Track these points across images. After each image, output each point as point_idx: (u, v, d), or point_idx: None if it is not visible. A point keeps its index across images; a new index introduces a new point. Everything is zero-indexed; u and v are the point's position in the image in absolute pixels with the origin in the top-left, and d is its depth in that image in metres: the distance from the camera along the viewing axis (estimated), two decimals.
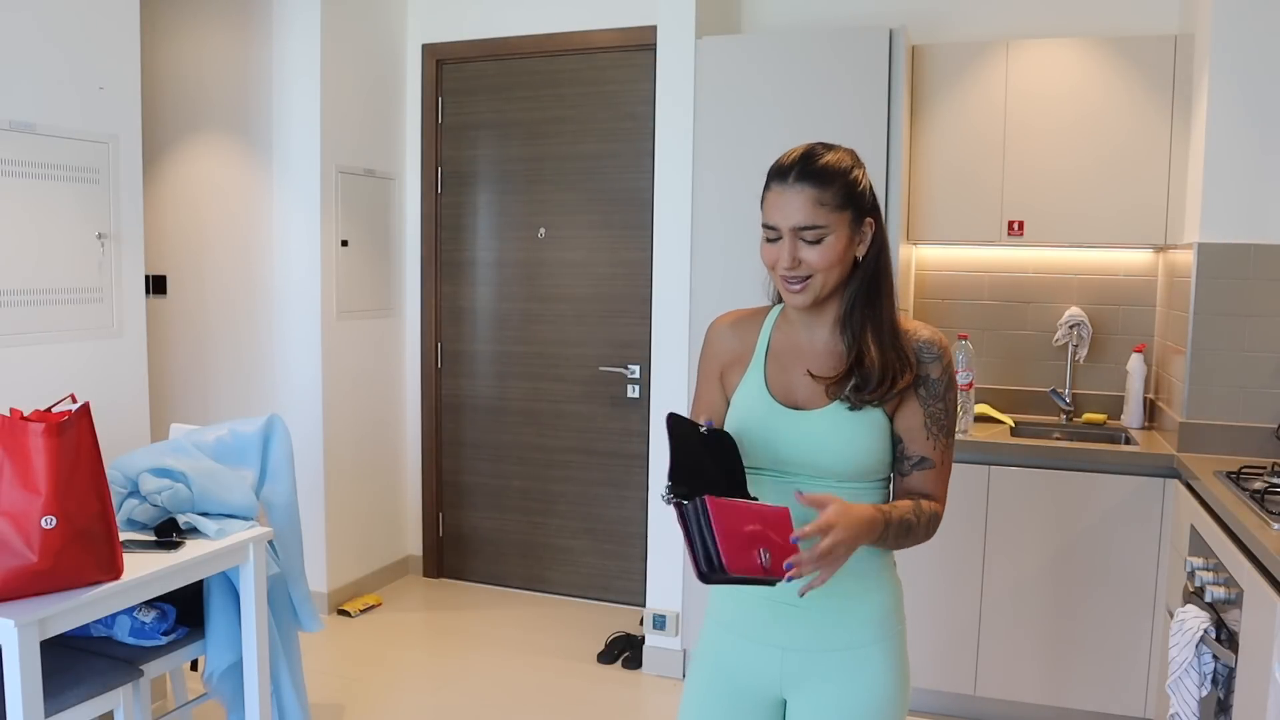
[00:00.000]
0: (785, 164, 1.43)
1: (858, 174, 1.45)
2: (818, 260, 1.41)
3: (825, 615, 1.46)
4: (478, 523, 4.28)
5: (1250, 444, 2.75)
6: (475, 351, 4.23)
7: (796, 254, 1.41)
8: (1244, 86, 2.71)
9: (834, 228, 1.41)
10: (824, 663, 1.46)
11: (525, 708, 3.15)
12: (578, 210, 3.99)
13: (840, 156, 1.45)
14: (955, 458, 2.95)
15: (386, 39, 4.09)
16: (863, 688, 1.45)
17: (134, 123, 2.95)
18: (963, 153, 3.24)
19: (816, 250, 1.41)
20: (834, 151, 1.45)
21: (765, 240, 1.45)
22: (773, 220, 1.42)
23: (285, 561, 2.58)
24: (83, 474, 1.93)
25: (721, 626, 1.55)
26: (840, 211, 1.41)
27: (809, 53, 3.10)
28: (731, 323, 1.61)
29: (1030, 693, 2.96)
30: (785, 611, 1.47)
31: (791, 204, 1.40)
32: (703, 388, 1.62)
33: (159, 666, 2.33)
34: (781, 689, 1.50)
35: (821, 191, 1.40)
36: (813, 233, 1.40)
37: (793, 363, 1.51)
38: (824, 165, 1.42)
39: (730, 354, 1.58)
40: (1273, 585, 1.79)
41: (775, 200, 1.42)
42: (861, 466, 1.45)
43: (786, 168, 1.42)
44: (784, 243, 1.42)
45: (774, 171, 1.45)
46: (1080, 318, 3.37)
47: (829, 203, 1.40)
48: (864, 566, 1.46)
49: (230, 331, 3.98)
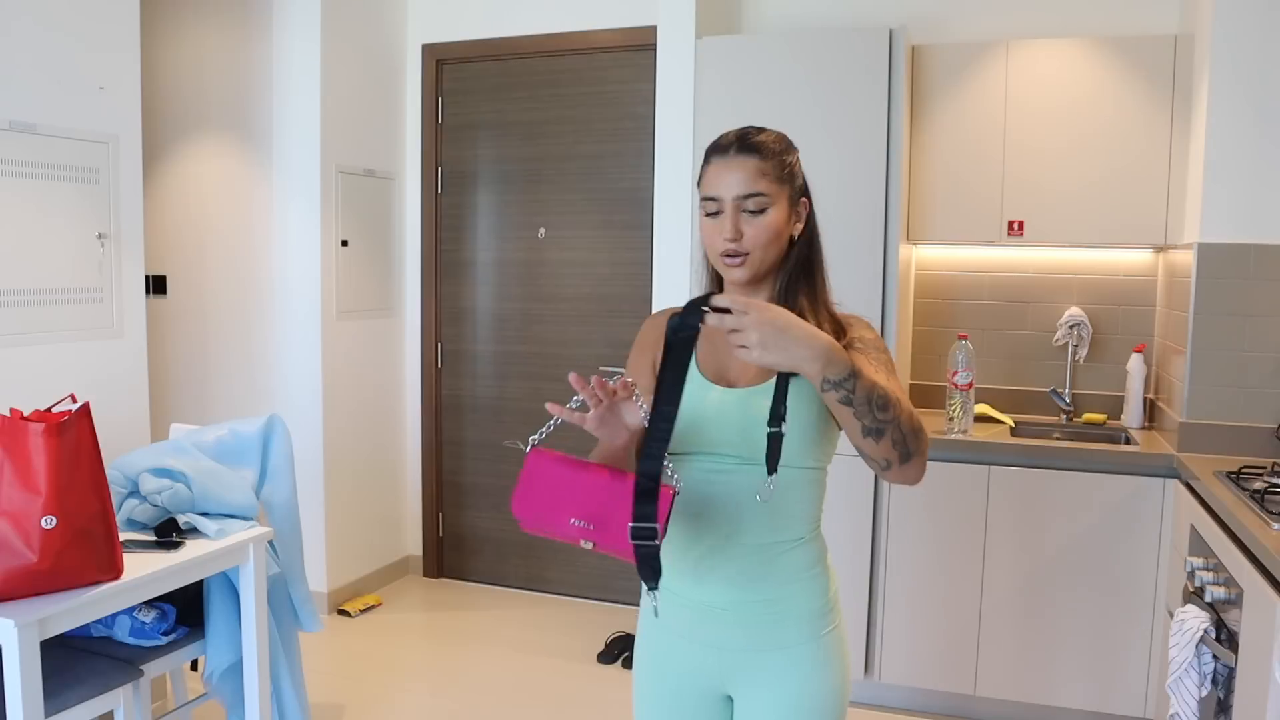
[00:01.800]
0: (724, 141, 1.46)
1: (793, 155, 1.49)
2: (759, 233, 1.42)
3: (757, 617, 1.43)
4: (478, 523, 4.28)
5: (1250, 444, 2.75)
6: (475, 351, 4.23)
7: (739, 225, 1.42)
8: (1244, 86, 2.71)
9: (775, 200, 1.43)
10: (762, 662, 1.44)
11: (525, 708, 3.15)
12: (578, 210, 3.99)
13: (776, 137, 1.48)
14: (955, 457, 2.98)
15: (386, 39, 4.09)
16: (803, 685, 1.44)
17: (134, 123, 2.95)
18: (963, 153, 3.24)
19: (758, 222, 1.42)
20: (768, 131, 1.48)
21: (705, 217, 1.46)
22: (715, 191, 1.43)
23: (285, 561, 2.58)
24: (83, 474, 1.92)
25: (655, 625, 1.53)
26: (780, 185, 1.44)
27: (809, 53, 3.10)
28: (663, 316, 1.60)
29: (1030, 693, 2.96)
30: (716, 614, 1.44)
31: (734, 174, 1.42)
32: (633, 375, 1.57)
33: (159, 666, 2.33)
34: (724, 685, 1.49)
35: (763, 162, 1.43)
36: (755, 201, 1.41)
37: (724, 342, 1.42)
38: (762, 140, 1.45)
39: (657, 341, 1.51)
40: (1273, 585, 1.79)
41: (717, 172, 1.44)
42: (799, 443, 1.39)
43: (726, 144, 1.45)
44: (725, 215, 1.42)
45: (712, 148, 1.47)
46: (1080, 318, 3.37)
47: (770, 174, 1.43)
48: (794, 566, 1.44)
49: (230, 331, 3.98)
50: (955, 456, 2.99)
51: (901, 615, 3.07)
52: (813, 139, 3.09)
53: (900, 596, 3.06)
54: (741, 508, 1.42)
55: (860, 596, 3.09)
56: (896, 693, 3.15)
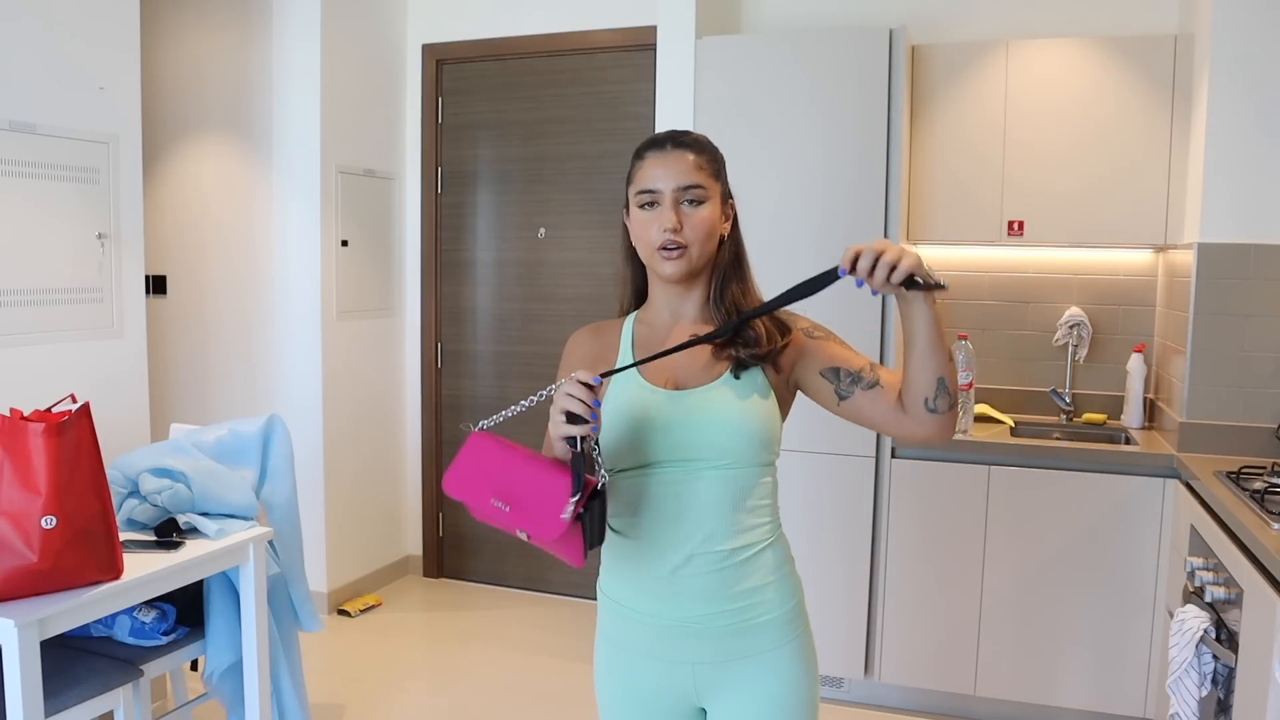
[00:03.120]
0: (658, 137, 1.49)
1: (720, 156, 1.51)
2: (697, 225, 1.43)
3: (730, 627, 1.42)
4: (478, 523, 4.28)
5: (1250, 444, 2.75)
6: (475, 351, 4.23)
7: (679, 218, 1.42)
8: (1244, 86, 2.71)
9: (710, 194, 1.45)
10: (735, 670, 1.43)
11: (525, 708, 3.15)
12: (578, 210, 3.99)
13: (706, 138, 1.51)
14: (955, 457, 2.98)
15: (386, 39, 4.09)
16: (779, 689, 1.43)
17: (134, 123, 2.95)
18: (963, 153, 3.24)
19: (697, 214, 1.43)
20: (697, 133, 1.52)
21: (637, 210, 1.46)
22: (653, 184, 1.43)
23: (285, 561, 2.58)
24: (83, 474, 1.92)
25: (616, 646, 1.50)
26: (714, 180, 1.46)
27: (809, 53, 3.09)
28: (589, 332, 1.59)
29: (1030, 693, 2.96)
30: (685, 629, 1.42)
31: (673, 166, 1.43)
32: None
33: (159, 666, 2.33)
34: (697, 699, 1.46)
35: (699, 156, 1.45)
36: (695, 192, 1.43)
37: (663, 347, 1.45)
38: (695, 137, 1.48)
39: (590, 358, 1.53)
40: (1273, 585, 1.79)
41: (654, 165, 1.45)
42: (757, 438, 1.40)
43: (661, 139, 1.48)
44: (664, 207, 1.43)
45: (646, 145, 1.49)
46: (1080, 318, 3.37)
47: (706, 168, 1.45)
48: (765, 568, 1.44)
49: (230, 331, 3.98)
50: (955, 456, 2.99)
51: (901, 615, 3.07)
52: (813, 139, 3.10)
53: (900, 596, 3.06)
54: (712, 511, 1.40)
55: (860, 596, 3.09)
56: (896, 692, 3.15)
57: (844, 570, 3.09)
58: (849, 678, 3.16)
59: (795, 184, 3.09)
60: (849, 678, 3.16)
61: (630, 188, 1.49)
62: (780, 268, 3.02)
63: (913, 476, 3.03)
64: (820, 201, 3.08)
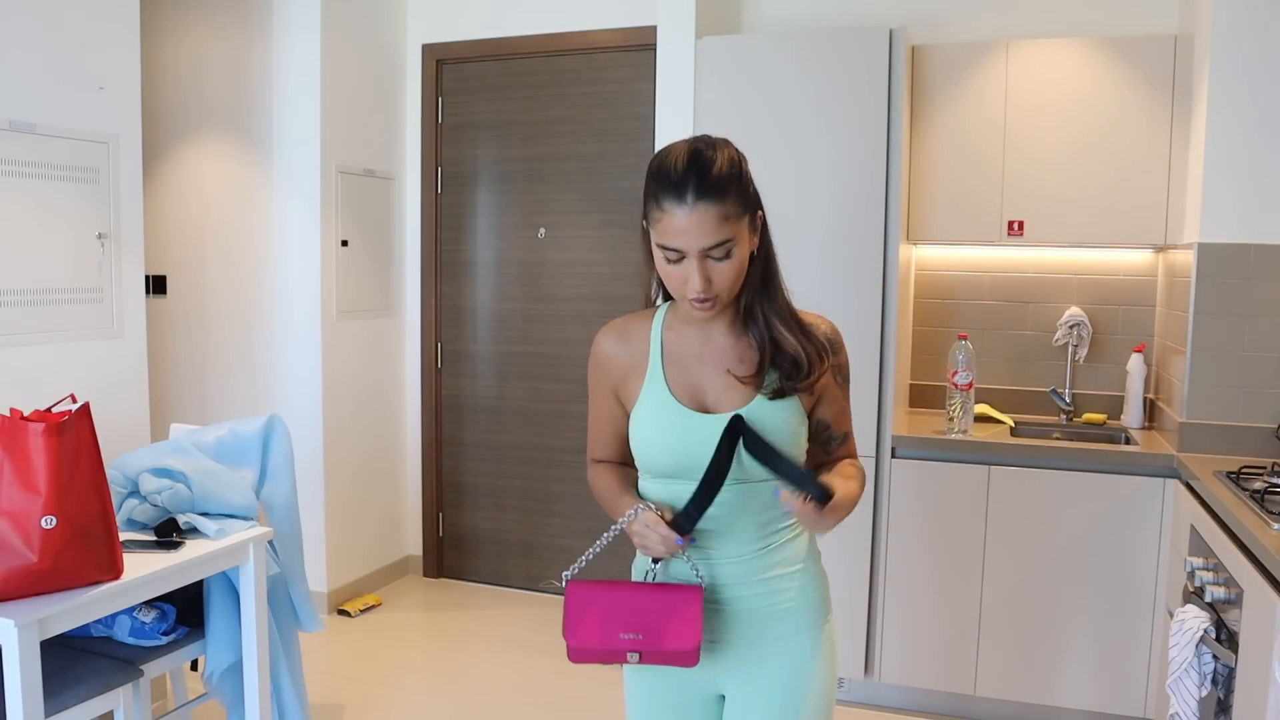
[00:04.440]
0: (678, 177, 1.33)
1: (745, 171, 1.40)
2: (726, 275, 1.37)
3: (750, 611, 1.46)
4: (478, 523, 4.28)
5: (1250, 444, 2.75)
6: (475, 351, 4.23)
7: (708, 275, 1.35)
8: (1244, 86, 2.71)
9: (739, 237, 1.36)
10: (759, 655, 1.47)
11: (525, 707, 3.15)
12: (578, 210, 3.99)
13: (728, 155, 1.37)
14: (955, 457, 2.98)
15: (386, 39, 4.09)
16: (792, 673, 1.46)
17: (134, 123, 2.95)
18: (963, 153, 3.24)
19: (726, 266, 1.36)
20: (720, 151, 1.37)
21: (664, 260, 1.38)
22: (677, 244, 1.34)
23: (285, 561, 2.58)
24: (83, 474, 1.92)
25: None
26: (741, 218, 1.36)
27: (809, 53, 3.09)
28: (616, 334, 1.55)
29: (1030, 693, 2.96)
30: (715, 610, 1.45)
31: (695, 227, 1.32)
32: (599, 406, 1.57)
33: (159, 666, 2.33)
34: (717, 685, 1.50)
35: (723, 205, 1.33)
36: (722, 249, 1.34)
37: (694, 364, 1.47)
38: (718, 175, 1.33)
39: (620, 368, 1.52)
40: (1273, 585, 1.79)
41: (676, 224, 1.34)
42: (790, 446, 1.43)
43: (680, 182, 1.33)
44: (690, 264, 1.35)
45: (666, 185, 1.35)
46: (1080, 318, 3.37)
47: (732, 214, 1.34)
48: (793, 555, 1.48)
49: (230, 331, 3.98)
50: (955, 456, 2.99)
51: (901, 615, 3.07)
52: (813, 139, 3.10)
53: (900, 596, 3.06)
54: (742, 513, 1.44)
55: (860, 596, 3.09)
56: (896, 692, 3.15)
57: (844, 570, 3.08)
58: (849, 678, 3.16)
59: (795, 184, 3.09)
60: (849, 678, 3.16)
61: (649, 225, 1.39)
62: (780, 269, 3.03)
63: (913, 476, 3.03)
64: (820, 202, 3.08)
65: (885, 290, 3.04)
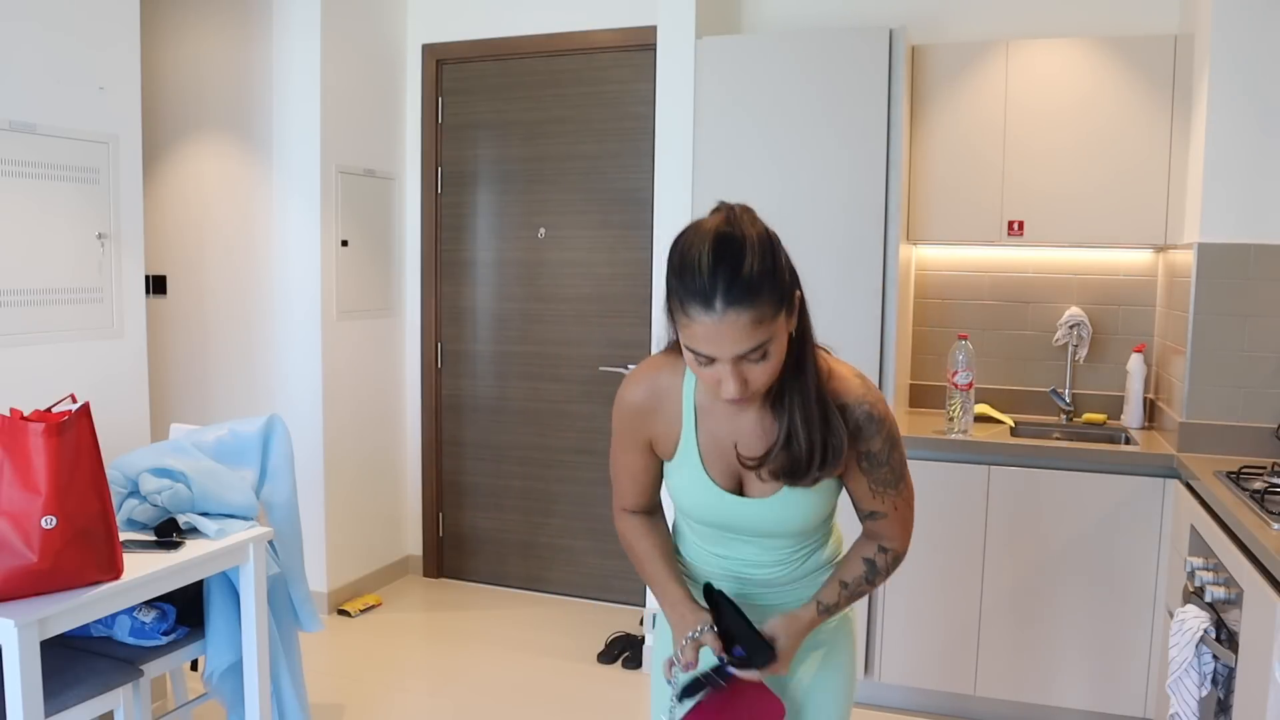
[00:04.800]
0: (703, 283, 1.19)
1: (779, 257, 1.24)
2: (767, 374, 1.27)
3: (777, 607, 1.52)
4: (478, 523, 4.28)
5: (1250, 444, 2.75)
6: (475, 351, 4.23)
7: (744, 377, 1.25)
8: (1244, 86, 2.71)
9: (776, 334, 1.24)
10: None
11: (525, 708, 3.15)
12: (578, 210, 3.99)
13: (759, 245, 1.22)
14: (955, 457, 2.97)
15: (386, 39, 4.09)
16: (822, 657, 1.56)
17: (134, 123, 2.95)
18: (963, 153, 3.24)
19: (763, 366, 1.25)
20: (748, 243, 1.22)
21: (695, 361, 1.26)
22: (708, 352, 1.23)
23: (285, 561, 2.58)
24: (83, 474, 1.92)
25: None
26: (777, 315, 1.23)
27: (809, 53, 3.10)
28: (646, 390, 1.46)
29: (1030, 693, 2.96)
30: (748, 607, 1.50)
31: (727, 336, 1.20)
32: (628, 459, 1.52)
33: (159, 666, 2.33)
34: None
35: (756, 309, 1.20)
36: (758, 352, 1.23)
37: (726, 438, 1.42)
38: (749, 277, 1.19)
39: (651, 428, 1.47)
40: (1273, 585, 1.79)
41: (705, 334, 1.21)
42: (813, 525, 1.48)
43: (707, 289, 1.19)
44: (724, 368, 1.24)
45: (691, 290, 1.20)
46: (1080, 318, 3.37)
47: (768, 315, 1.21)
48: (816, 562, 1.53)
49: (230, 331, 3.98)
50: (955, 456, 2.99)
51: (901, 615, 3.07)
52: (813, 139, 3.10)
53: (900, 596, 3.06)
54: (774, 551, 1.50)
55: None
56: (896, 692, 3.15)
57: None
58: None
59: (795, 184, 3.09)
60: None
61: (674, 323, 1.26)
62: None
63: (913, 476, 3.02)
64: (820, 202, 3.08)
65: (885, 290, 3.04)
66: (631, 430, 1.49)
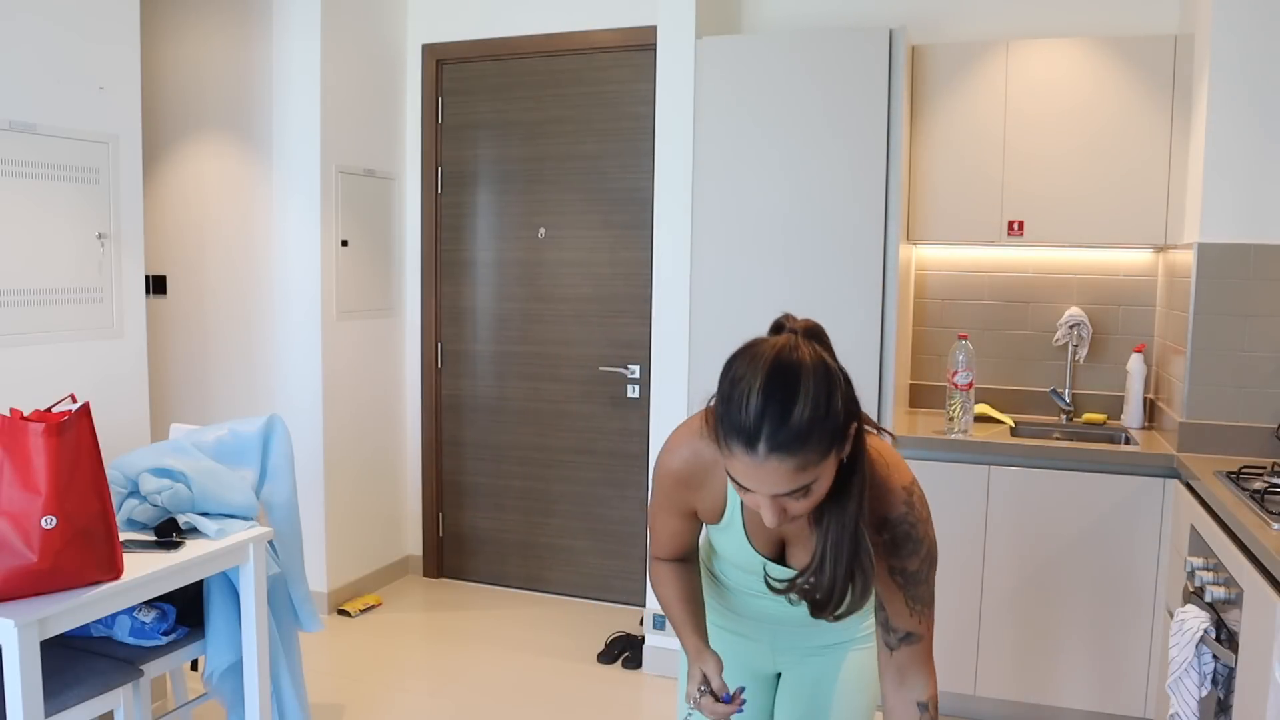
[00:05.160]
0: (749, 424, 1.12)
1: (834, 400, 1.14)
2: (808, 506, 1.20)
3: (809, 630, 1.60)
4: (478, 523, 4.28)
5: (1250, 444, 2.75)
6: (475, 351, 4.23)
7: (783, 508, 1.19)
8: (1244, 86, 2.71)
9: (822, 474, 1.16)
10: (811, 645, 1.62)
11: (525, 708, 3.15)
12: (578, 210, 3.99)
13: (814, 387, 1.12)
14: (955, 457, 2.98)
15: (386, 39, 4.09)
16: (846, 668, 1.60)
17: (134, 123, 2.95)
18: (963, 153, 3.24)
19: (804, 501, 1.18)
20: (804, 385, 1.12)
21: (735, 483, 1.20)
22: (745, 484, 1.17)
23: (285, 561, 2.58)
24: (83, 474, 1.92)
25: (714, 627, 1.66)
26: (826, 457, 1.15)
27: (809, 53, 3.10)
28: (691, 461, 1.39)
29: (1030, 693, 2.97)
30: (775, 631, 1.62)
31: (766, 479, 1.14)
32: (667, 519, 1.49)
33: (159, 666, 2.33)
34: (775, 665, 1.66)
35: (801, 457, 1.12)
36: (800, 492, 1.16)
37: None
38: (797, 425, 1.11)
39: (695, 497, 1.43)
40: (1273, 585, 1.79)
41: (744, 470, 1.14)
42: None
43: (751, 431, 1.12)
44: (764, 503, 1.18)
45: (734, 427, 1.13)
46: (1080, 318, 3.37)
47: (812, 462, 1.13)
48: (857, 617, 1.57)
49: (230, 331, 3.98)
50: (955, 456, 2.99)
51: None
52: (813, 139, 3.10)
53: None
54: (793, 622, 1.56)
55: None
56: None
57: None
58: None
59: (796, 184, 3.09)
60: None
61: (718, 446, 1.18)
62: (780, 269, 3.03)
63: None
64: (820, 202, 3.08)
65: (885, 290, 3.04)
66: (673, 498, 1.45)
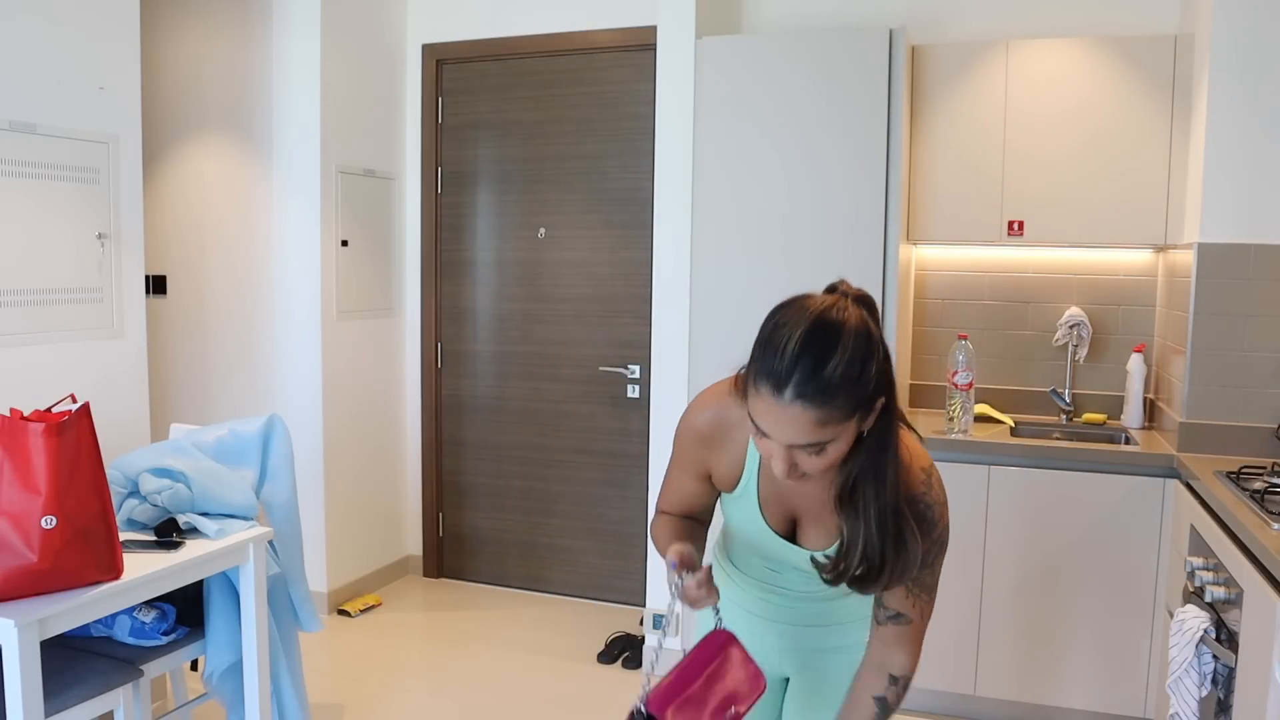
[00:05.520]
0: (782, 366, 1.14)
1: (869, 365, 1.17)
2: (818, 466, 1.21)
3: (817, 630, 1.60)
4: (478, 523, 4.28)
5: (1250, 444, 2.75)
6: (475, 351, 4.23)
7: (794, 462, 1.21)
8: (1244, 86, 2.71)
9: (839, 435, 1.18)
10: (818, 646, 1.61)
11: (525, 708, 3.15)
12: (578, 210, 3.99)
13: (852, 347, 1.15)
14: (955, 457, 2.98)
15: (386, 39, 4.09)
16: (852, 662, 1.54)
17: (134, 123, 2.95)
18: (963, 153, 3.24)
19: (816, 459, 1.20)
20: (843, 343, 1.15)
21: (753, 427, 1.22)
22: (764, 427, 1.19)
23: (285, 561, 2.58)
24: (83, 474, 1.92)
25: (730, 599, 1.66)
26: (848, 419, 1.17)
27: (809, 53, 3.10)
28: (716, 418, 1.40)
29: (1030, 693, 2.96)
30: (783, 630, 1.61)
31: (786, 425, 1.16)
32: (682, 476, 1.49)
33: (159, 666, 2.33)
34: (782, 670, 1.65)
35: (825, 410, 1.14)
36: (813, 447, 1.18)
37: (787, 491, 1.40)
38: (828, 378, 1.13)
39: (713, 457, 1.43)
40: (1273, 585, 1.79)
41: (766, 413, 1.17)
42: None
43: (783, 373, 1.14)
44: (776, 447, 1.20)
45: (767, 367, 1.16)
46: (1080, 318, 3.37)
47: (835, 418, 1.15)
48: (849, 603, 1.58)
49: (230, 331, 3.98)
50: (955, 456, 2.99)
51: None
52: (813, 139, 3.10)
53: None
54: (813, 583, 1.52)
55: None
56: None
57: None
58: None
59: (795, 184, 3.09)
60: None
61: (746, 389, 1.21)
62: (780, 269, 3.03)
63: None
64: (820, 201, 3.08)
65: (885, 290, 3.04)
66: (692, 456, 1.45)
